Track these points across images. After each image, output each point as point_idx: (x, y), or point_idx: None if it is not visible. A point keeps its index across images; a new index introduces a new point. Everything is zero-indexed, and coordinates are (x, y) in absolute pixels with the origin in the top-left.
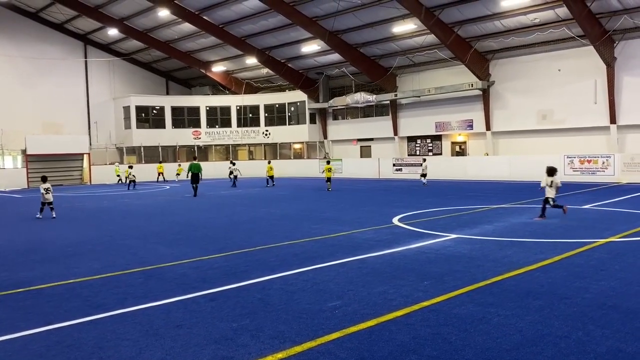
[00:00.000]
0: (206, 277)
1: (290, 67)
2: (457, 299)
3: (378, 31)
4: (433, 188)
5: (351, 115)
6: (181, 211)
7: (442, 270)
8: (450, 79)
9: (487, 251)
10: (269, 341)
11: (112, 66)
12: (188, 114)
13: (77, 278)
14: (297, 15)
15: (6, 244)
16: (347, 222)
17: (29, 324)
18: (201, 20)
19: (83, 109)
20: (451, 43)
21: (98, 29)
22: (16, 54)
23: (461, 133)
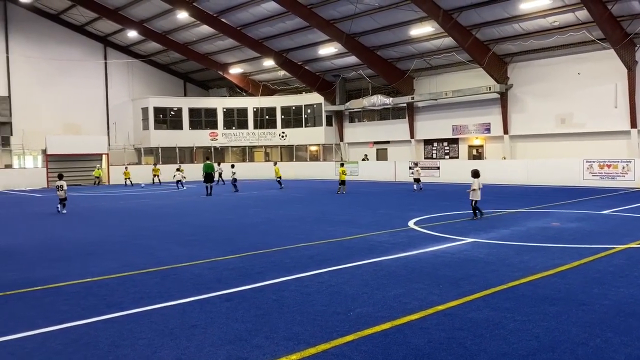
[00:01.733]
0: (221, 278)
1: (307, 70)
2: (472, 304)
3: (395, 34)
4: (449, 192)
5: (368, 118)
6: (196, 212)
7: (458, 274)
8: (468, 82)
9: (504, 256)
10: (284, 342)
11: (131, 68)
12: (205, 115)
13: (94, 277)
14: (315, 17)
15: (25, 242)
16: (362, 225)
17: (47, 322)
18: (219, 23)
19: (102, 110)
20: (469, 46)
21: (118, 31)
22: (38, 56)
23: (478, 136)
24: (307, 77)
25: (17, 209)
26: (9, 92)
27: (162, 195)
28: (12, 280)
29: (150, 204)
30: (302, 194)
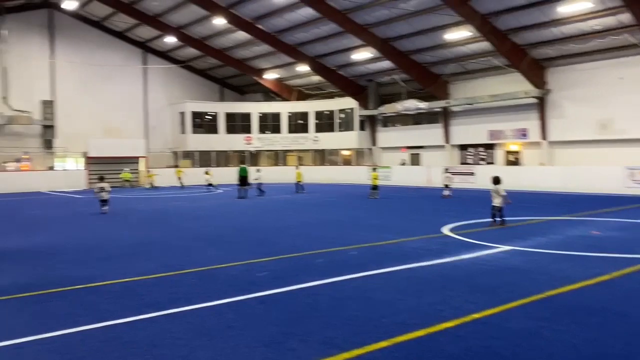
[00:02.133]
0: (256, 280)
1: (340, 74)
2: (509, 312)
3: (430, 38)
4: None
5: (401, 123)
6: (232, 214)
7: (494, 282)
8: (505, 87)
9: (542, 264)
10: (317, 346)
11: (169, 73)
12: (240, 120)
13: (133, 277)
14: (349, 23)
15: (68, 242)
16: (395, 230)
17: (88, 320)
18: (255, 29)
19: (141, 114)
20: (506, 50)
21: (157, 37)
22: (80, 61)
23: (515, 142)
24: (340, 81)
25: (60, 209)
26: (54, 97)
27: (197, 198)
28: (56, 278)
29: (186, 206)
30: (334, 198)
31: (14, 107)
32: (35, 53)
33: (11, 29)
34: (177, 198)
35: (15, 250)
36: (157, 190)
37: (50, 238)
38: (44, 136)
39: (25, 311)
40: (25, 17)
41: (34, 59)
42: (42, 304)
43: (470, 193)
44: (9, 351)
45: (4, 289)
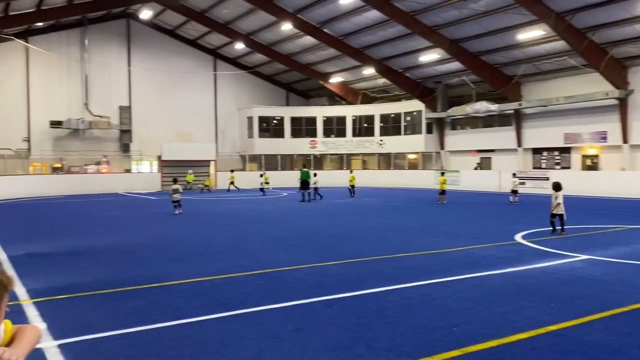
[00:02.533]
0: (322, 284)
1: (407, 77)
2: (588, 325)
3: (502, 38)
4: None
5: (471, 125)
6: (297, 218)
7: (572, 293)
8: (582, 88)
9: (624, 275)
10: (385, 353)
11: (238, 79)
12: (306, 124)
13: (204, 277)
14: (417, 24)
15: (143, 242)
16: (464, 237)
17: (163, 317)
18: (322, 33)
19: (211, 119)
20: (584, 49)
21: (226, 44)
22: (155, 68)
23: (593, 145)
24: (407, 84)
25: (136, 210)
26: (130, 103)
27: (264, 201)
28: (133, 276)
29: (254, 208)
30: (400, 202)
31: (94, 113)
32: (113, 61)
33: (92, 39)
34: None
35: (96, 249)
36: (211, 193)
37: (127, 238)
38: (121, 140)
39: (105, 307)
40: (106, 28)
41: (113, 66)
42: (120, 301)
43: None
44: (90, 344)
45: (86, 286)
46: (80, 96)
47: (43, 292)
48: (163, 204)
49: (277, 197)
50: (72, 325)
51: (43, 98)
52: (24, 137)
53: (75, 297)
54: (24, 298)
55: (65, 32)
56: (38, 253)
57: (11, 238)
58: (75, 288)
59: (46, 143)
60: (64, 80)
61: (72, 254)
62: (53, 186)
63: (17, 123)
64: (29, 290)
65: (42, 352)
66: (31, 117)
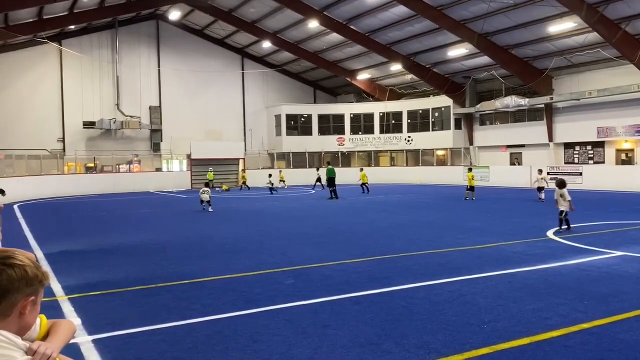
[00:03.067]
0: (350, 280)
1: (435, 72)
2: (624, 323)
3: (532, 31)
4: (593, 200)
5: (500, 120)
6: (324, 215)
7: (606, 290)
8: (616, 80)
9: None
10: (414, 350)
11: (265, 77)
12: (333, 121)
13: (233, 273)
14: (444, 19)
15: (173, 239)
16: (494, 233)
17: (193, 313)
18: (348, 30)
19: (239, 117)
20: (617, 41)
21: (254, 43)
22: (184, 68)
23: (628, 139)
24: (435, 79)
25: (167, 208)
26: (160, 102)
27: (291, 199)
28: (164, 273)
29: (280, 206)
30: (429, 199)
31: (125, 113)
32: (143, 62)
33: (122, 41)
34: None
35: (128, 246)
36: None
37: (158, 235)
38: (151, 139)
39: (137, 303)
40: (135, 29)
41: (143, 67)
42: (152, 297)
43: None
44: (123, 339)
45: (118, 282)
46: (111, 97)
47: (77, 289)
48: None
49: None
50: (105, 321)
51: (76, 99)
52: (59, 137)
53: (109, 293)
54: (59, 294)
55: (96, 34)
56: (72, 250)
57: (47, 236)
58: (108, 284)
59: (80, 143)
60: (96, 82)
61: (105, 252)
62: (87, 185)
63: (52, 124)
64: (64, 287)
65: (78, 347)
66: (65, 118)
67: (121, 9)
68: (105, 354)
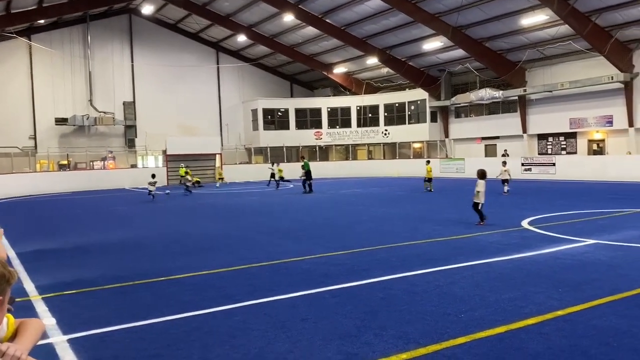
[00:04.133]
0: (329, 273)
1: (411, 66)
2: (597, 310)
3: (505, 24)
4: (566, 190)
5: (475, 113)
6: (303, 209)
7: (579, 277)
8: (587, 72)
9: (632, 259)
10: (393, 341)
11: (241, 71)
12: (310, 115)
13: (212, 269)
14: (419, 12)
15: (151, 236)
16: (471, 224)
17: (171, 310)
18: (324, 23)
19: (215, 112)
20: (588, 33)
21: (229, 37)
22: (158, 63)
23: (599, 130)
24: (411, 73)
25: (143, 205)
26: (134, 98)
27: (268, 193)
28: (141, 270)
29: (259, 201)
30: (406, 192)
31: (99, 109)
32: (116, 57)
33: (94, 36)
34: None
35: (104, 244)
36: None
37: (134, 233)
38: (126, 135)
39: (114, 301)
40: (107, 24)
41: (116, 62)
42: (129, 295)
43: (551, 185)
44: (100, 338)
45: (94, 280)
46: (84, 93)
47: (52, 288)
48: (169, 198)
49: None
50: (81, 320)
51: (47, 95)
52: (30, 135)
53: (84, 292)
54: (33, 294)
55: (67, 29)
56: (46, 249)
57: (19, 235)
58: (83, 283)
59: (52, 140)
60: (68, 78)
61: (80, 250)
62: (60, 183)
63: (23, 121)
64: (38, 287)
65: (52, 347)
66: (36, 114)
67: (92, 2)
68: (81, 354)
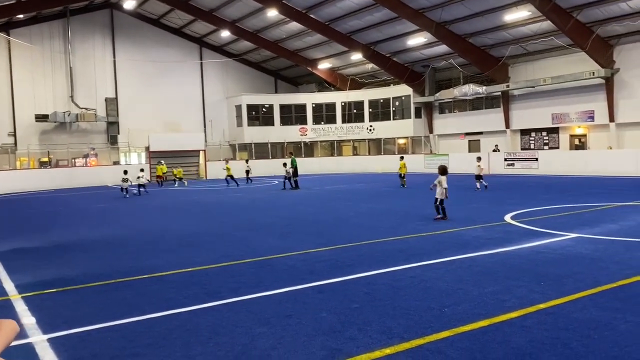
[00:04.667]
0: (314, 270)
1: (395, 61)
2: (578, 303)
3: (489, 20)
4: (549, 184)
5: (459, 109)
6: (288, 205)
7: (561, 271)
8: (569, 68)
9: (612, 252)
10: (377, 336)
11: (225, 67)
12: (295, 111)
13: (195, 267)
14: (403, 8)
15: (133, 234)
16: (454, 219)
17: (154, 308)
18: (308, 19)
19: (199, 108)
20: (570, 29)
21: (212, 32)
22: (140, 59)
23: (581, 125)
24: (395, 68)
25: (126, 202)
26: (116, 94)
27: (253, 190)
28: (123, 268)
29: (244, 197)
30: (390, 187)
31: (80, 105)
32: (98, 52)
33: (75, 31)
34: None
35: (86, 242)
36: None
37: (116, 230)
38: (108, 132)
39: (95, 300)
40: (89, 18)
41: (97, 58)
42: (110, 293)
43: (533, 179)
44: (81, 337)
45: (75, 279)
46: (65, 89)
47: (32, 287)
48: (152, 195)
49: (267, 185)
50: (61, 319)
51: (27, 92)
52: (10, 131)
53: (65, 290)
54: (12, 293)
55: (47, 24)
56: (26, 248)
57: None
58: (64, 281)
59: (32, 137)
60: (48, 73)
61: (61, 248)
62: (41, 180)
63: (2, 118)
64: (18, 286)
65: (32, 347)
66: (16, 111)
67: None
68: (62, 353)
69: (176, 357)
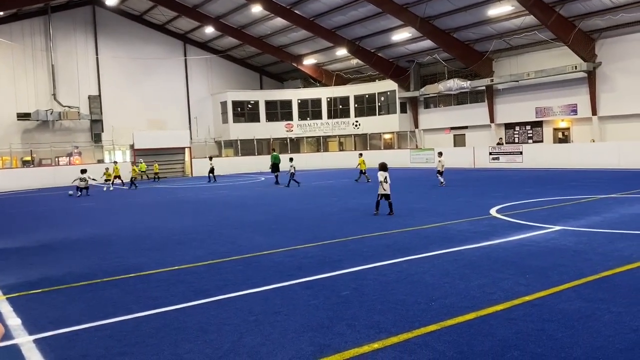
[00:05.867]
0: (301, 266)
1: (380, 57)
2: (562, 294)
3: (472, 15)
4: (533, 178)
5: (444, 103)
6: (275, 202)
7: (546, 263)
8: (552, 62)
9: (595, 244)
10: (365, 331)
11: (209, 63)
12: (281, 107)
13: (182, 265)
14: (387, 3)
15: (119, 233)
16: (440, 214)
17: (140, 307)
18: (292, 14)
19: (184, 105)
20: (552, 23)
21: (196, 28)
22: (124, 56)
23: (564, 119)
24: (380, 64)
25: (111, 201)
26: (100, 91)
27: (241, 187)
28: (109, 267)
29: (230, 194)
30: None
31: (63, 103)
32: (80, 50)
33: (57, 27)
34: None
35: (71, 241)
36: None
37: (102, 229)
38: (92, 130)
39: (81, 299)
40: (70, 15)
41: (80, 55)
42: (97, 292)
43: (518, 173)
44: (67, 337)
45: (60, 279)
46: (47, 87)
47: (17, 288)
48: (138, 193)
49: (254, 182)
50: (48, 320)
51: (8, 90)
52: None
53: (50, 290)
54: None
55: (28, 20)
56: (10, 248)
57: None
58: (49, 282)
59: (14, 136)
60: (30, 71)
61: (46, 248)
62: (24, 180)
63: None
64: (2, 287)
65: (18, 348)
66: None
67: None
68: (48, 354)
69: (164, 355)
